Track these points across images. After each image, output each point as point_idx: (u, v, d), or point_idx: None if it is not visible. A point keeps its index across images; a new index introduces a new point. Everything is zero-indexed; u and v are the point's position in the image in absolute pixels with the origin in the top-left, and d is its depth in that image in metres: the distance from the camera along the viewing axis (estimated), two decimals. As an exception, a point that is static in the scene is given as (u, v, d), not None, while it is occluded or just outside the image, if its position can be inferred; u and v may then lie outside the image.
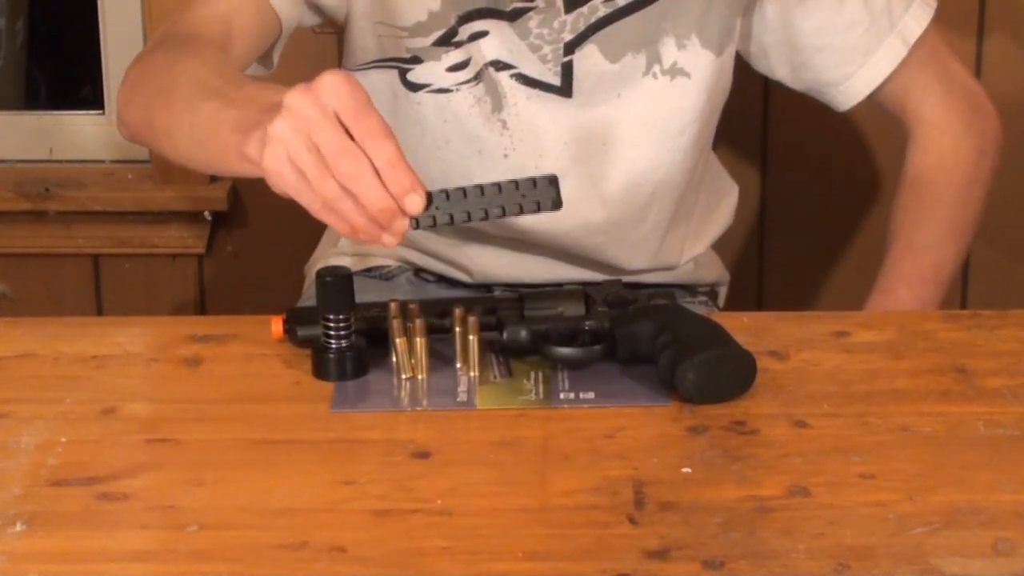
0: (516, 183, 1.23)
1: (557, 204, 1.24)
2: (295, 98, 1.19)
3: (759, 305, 2.22)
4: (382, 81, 1.60)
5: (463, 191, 1.23)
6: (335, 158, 1.17)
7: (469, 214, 1.23)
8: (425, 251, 1.69)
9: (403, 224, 1.20)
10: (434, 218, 1.22)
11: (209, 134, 1.31)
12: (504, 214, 1.23)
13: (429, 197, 1.21)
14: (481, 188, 1.23)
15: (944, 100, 1.67)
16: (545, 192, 1.23)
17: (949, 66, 1.68)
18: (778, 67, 1.68)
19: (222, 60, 1.44)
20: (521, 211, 1.24)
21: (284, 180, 1.20)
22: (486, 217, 1.23)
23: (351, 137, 1.18)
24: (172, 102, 1.37)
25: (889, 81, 1.66)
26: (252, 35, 1.52)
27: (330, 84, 1.19)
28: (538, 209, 1.24)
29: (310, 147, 1.18)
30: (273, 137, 1.19)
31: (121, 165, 2.26)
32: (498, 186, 1.23)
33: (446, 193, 1.22)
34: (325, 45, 2.08)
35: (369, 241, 1.22)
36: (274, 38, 1.56)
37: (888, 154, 2.08)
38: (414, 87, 1.59)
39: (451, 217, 1.22)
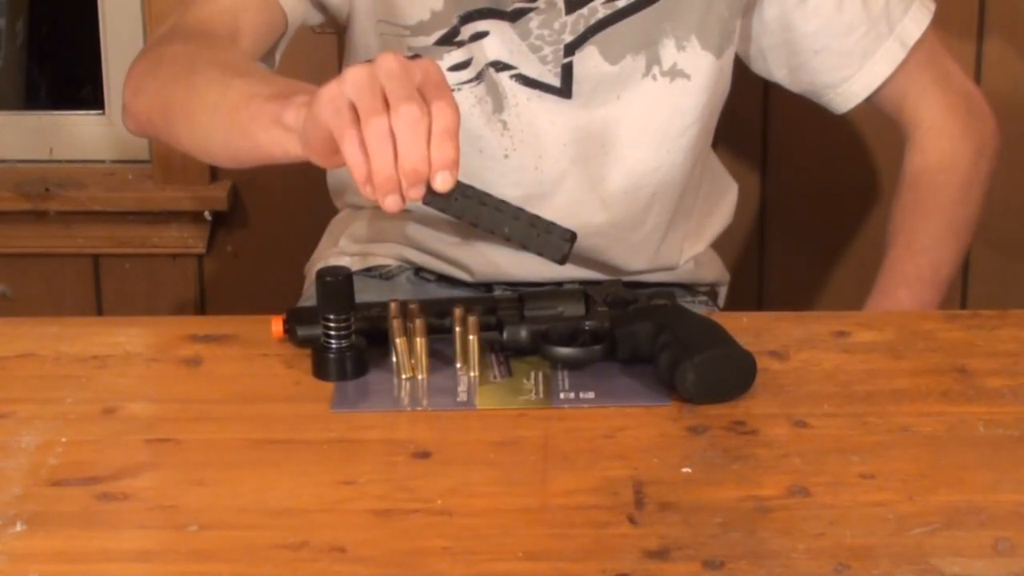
0: (536, 220, 1.22)
1: (563, 260, 1.22)
2: (385, 55, 1.19)
3: (759, 305, 2.22)
4: None
5: (485, 197, 1.22)
6: (398, 102, 1.16)
7: (477, 221, 1.22)
8: (426, 250, 1.69)
9: (419, 194, 1.18)
10: (447, 205, 1.21)
11: (239, 105, 1.30)
12: (509, 239, 1.22)
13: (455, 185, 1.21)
14: (502, 205, 1.22)
15: (942, 102, 1.67)
16: (557, 244, 1.22)
17: (947, 68, 1.68)
18: (776, 69, 1.68)
19: (239, 53, 1.45)
20: (525, 247, 1.23)
21: (331, 107, 1.18)
22: (491, 232, 1.22)
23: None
24: (194, 82, 1.37)
25: (887, 84, 1.66)
26: (258, 31, 1.52)
27: (421, 61, 1.19)
28: (541, 254, 1.23)
29: (376, 90, 1.17)
30: (346, 76, 1.18)
31: (121, 165, 2.26)
32: (519, 213, 1.22)
33: (470, 190, 1.22)
34: (325, 45, 2.08)
35: (375, 196, 1.19)
36: (279, 35, 1.56)
37: (888, 154, 2.08)
38: None
39: (460, 214, 1.22)
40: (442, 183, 1.18)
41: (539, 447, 1.23)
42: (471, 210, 1.22)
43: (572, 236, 1.23)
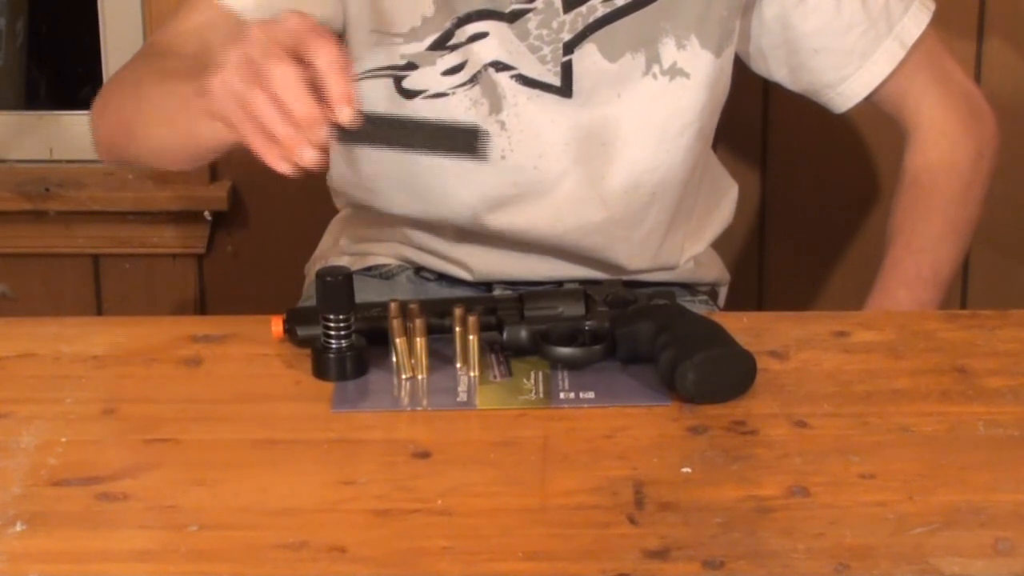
0: (441, 126, 1.23)
1: (476, 154, 1.24)
2: (252, 28, 1.22)
3: (759, 305, 2.22)
4: (376, 91, 1.61)
5: (394, 120, 1.23)
6: (267, 66, 1.19)
7: (390, 143, 1.23)
8: (425, 249, 1.69)
9: (323, 136, 1.20)
10: (358, 137, 1.22)
11: (179, 108, 1.33)
12: (426, 149, 1.24)
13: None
14: (408, 123, 1.23)
15: (942, 102, 1.67)
16: (466, 141, 1.24)
17: (947, 68, 1.68)
18: (776, 69, 1.68)
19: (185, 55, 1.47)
20: (442, 150, 1.24)
21: (223, 102, 1.22)
22: (408, 148, 1.23)
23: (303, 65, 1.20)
24: (140, 96, 1.41)
25: (887, 83, 1.66)
26: None
27: (283, 16, 1.22)
28: (457, 154, 1.24)
29: (246, 68, 1.21)
30: (223, 63, 1.22)
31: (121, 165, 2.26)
32: (425, 123, 1.23)
33: (375, 116, 1.22)
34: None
35: (289, 160, 1.22)
36: None
37: (888, 154, 2.08)
38: (410, 94, 1.59)
39: (371, 140, 1.23)
40: (345, 115, 1.20)
41: (539, 447, 1.23)
42: (382, 134, 1.23)
43: (476, 130, 1.23)
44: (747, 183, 2.10)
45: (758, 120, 2.15)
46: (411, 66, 1.58)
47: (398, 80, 1.59)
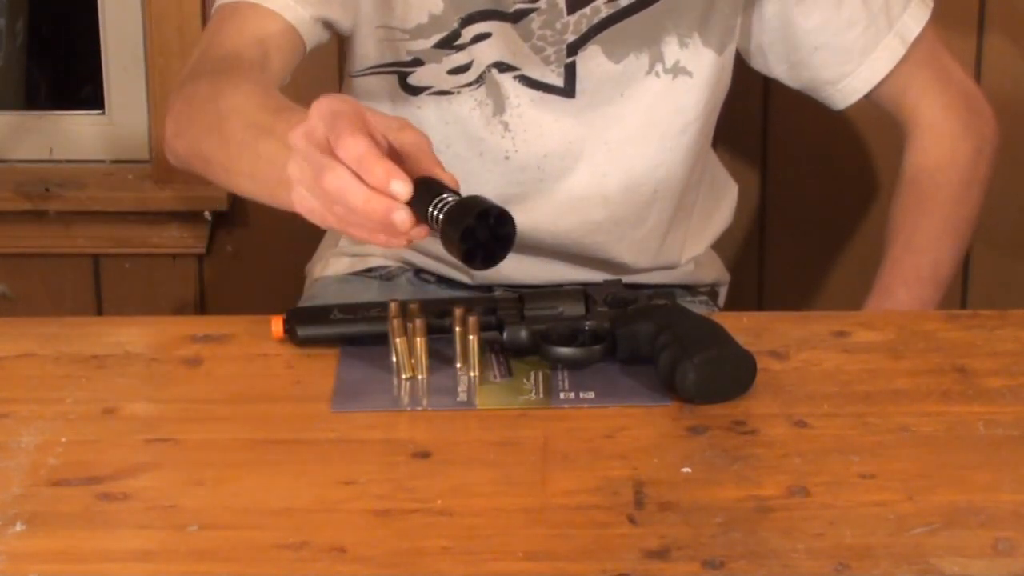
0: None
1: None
2: (293, 138, 1.22)
3: (759, 305, 2.22)
4: (379, 87, 1.61)
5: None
6: (320, 180, 1.19)
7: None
8: (425, 252, 1.69)
9: (404, 219, 1.18)
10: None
11: (271, 173, 1.31)
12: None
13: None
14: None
15: (941, 100, 1.67)
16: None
17: (946, 66, 1.69)
18: (776, 65, 1.68)
19: (265, 87, 1.44)
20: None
21: (315, 216, 1.23)
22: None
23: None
24: (227, 141, 1.38)
25: (887, 80, 1.66)
26: (285, 55, 1.53)
27: (315, 112, 1.21)
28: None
29: (314, 181, 1.20)
30: (291, 180, 1.23)
31: (121, 165, 2.26)
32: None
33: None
34: (325, 52, 2.07)
35: (395, 246, 1.23)
36: (301, 56, 1.57)
37: (888, 154, 2.08)
38: (415, 90, 1.59)
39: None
40: (400, 191, 1.17)
41: (539, 447, 1.23)
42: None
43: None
44: (747, 183, 2.09)
45: (758, 120, 2.15)
46: (417, 62, 1.58)
47: (403, 76, 1.59)
